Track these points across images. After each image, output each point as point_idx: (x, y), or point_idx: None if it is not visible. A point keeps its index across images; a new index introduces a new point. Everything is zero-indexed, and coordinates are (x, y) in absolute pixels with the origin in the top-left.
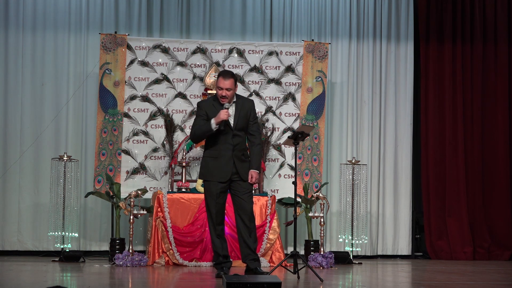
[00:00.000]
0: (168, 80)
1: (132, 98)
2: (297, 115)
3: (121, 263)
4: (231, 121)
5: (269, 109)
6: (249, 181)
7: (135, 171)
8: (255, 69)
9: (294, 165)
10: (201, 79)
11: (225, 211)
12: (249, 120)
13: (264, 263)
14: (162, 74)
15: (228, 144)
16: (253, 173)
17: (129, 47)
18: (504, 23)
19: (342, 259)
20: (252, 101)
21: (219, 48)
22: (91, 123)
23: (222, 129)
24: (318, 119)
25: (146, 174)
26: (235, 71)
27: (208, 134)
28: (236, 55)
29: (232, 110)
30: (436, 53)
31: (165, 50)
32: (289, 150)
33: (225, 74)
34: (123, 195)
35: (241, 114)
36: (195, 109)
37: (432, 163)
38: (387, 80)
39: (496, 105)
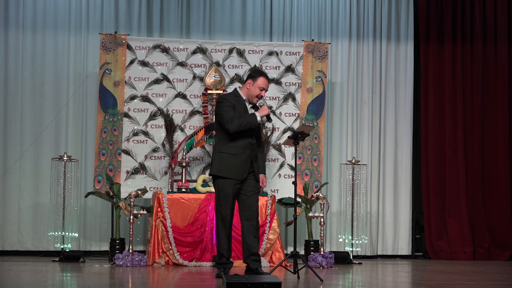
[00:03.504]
0: (168, 80)
1: (132, 98)
2: (297, 115)
3: (121, 263)
4: None
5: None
6: (261, 185)
7: (135, 171)
8: None
9: (294, 165)
10: (201, 79)
11: None
12: None
13: (264, 263)
14: (162, 74)
15: (248, 142)
16: (263, 178)
17: (129, 47)
18: (504, 23)
19: (342, 259)
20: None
21: (219, 48)
22: (91, 123)
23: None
24: (318, 119)
25: (146, 174)
26: (235, 71)
27: (250, 126)
28: (236, 55)
29: (252, 110)
30: (436, 53)
31: (165, 50)
32: (289, 150)
33: (267, 75)
34: (123, 195)
35: None
36: (195, 109)
37: (432, 163)
38: (387, 80)
39: (496, 105)
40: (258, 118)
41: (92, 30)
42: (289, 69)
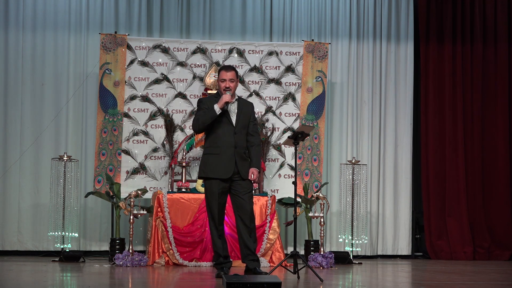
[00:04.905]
0: (168, 80)
1: (132, 98)
2: (297, 115)
3: (121, 263)
4: (233, 119)
5: (269, 109)
6: (249, 178)
7: (135, 171)
8: (255, 69)
9: (294, 165)
10: (201, 79)
11: (225, 211)
12: (250, 121)
13: (264, 263)
14: (162, 74)
15: (229, 141)
16: (253, 171)
17: (129, 47)
18: (504, 23)
19: (342, 259)
20: (252, 103)
21: (219, 48)
22: (91, 123)
23: (224, 127)
24: (318, 119)
25: (146, 174)
26: None
27: (211, 120)
28: (236, 55)
29: (234, 107)
30: (436, 53)
31: (165, 50)
32: (289, 150)
33: (226, 67)
34: (123, 195)
35: (242, 113)
36: (195, 109)
37: (432, 163)
38: (387, 80)
39: (496, 105)
40: (217, 110)
41: (92, 30)
42: (289, 69)
